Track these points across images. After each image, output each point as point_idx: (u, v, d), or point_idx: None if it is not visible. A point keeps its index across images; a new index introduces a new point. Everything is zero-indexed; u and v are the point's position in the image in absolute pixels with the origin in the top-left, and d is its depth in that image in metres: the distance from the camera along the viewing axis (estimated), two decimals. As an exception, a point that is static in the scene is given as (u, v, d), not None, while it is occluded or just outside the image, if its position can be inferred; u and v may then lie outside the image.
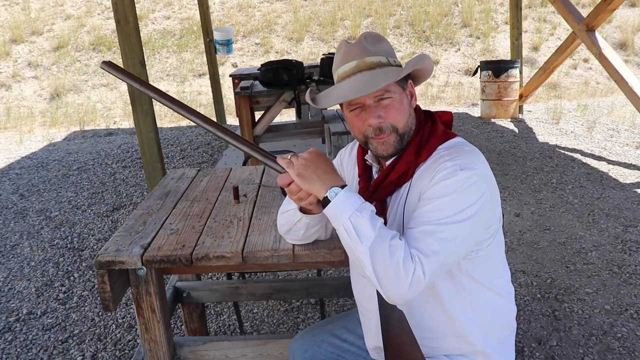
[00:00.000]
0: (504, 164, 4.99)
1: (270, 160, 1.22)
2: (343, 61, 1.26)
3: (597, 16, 5.45)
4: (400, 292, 1.09)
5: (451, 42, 10.30)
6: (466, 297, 1.26)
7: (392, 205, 1.30)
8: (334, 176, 1.19)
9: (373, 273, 1.10)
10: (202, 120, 1.22)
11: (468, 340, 1.28)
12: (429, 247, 1.11)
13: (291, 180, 1.19)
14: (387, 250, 1.09)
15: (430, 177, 1.20)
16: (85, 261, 3.49)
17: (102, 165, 5.69)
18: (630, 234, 3.44)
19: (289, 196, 1.24)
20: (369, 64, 1.23)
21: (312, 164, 1.18)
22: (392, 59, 1.26)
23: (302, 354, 1.52)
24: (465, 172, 1.16)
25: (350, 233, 1.12)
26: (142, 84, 1.24)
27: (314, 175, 1.17)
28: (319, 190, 1.17)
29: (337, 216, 1.15)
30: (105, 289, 1.47)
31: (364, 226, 1.11)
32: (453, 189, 1.15)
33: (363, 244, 1.10)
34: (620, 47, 9.97)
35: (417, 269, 1.09)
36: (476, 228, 1.17)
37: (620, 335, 2.45)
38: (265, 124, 4.97)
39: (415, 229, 1.15)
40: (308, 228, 1.39)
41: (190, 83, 9.62)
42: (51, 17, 10.89)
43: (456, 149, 1.24)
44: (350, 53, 1.25)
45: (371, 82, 1.20)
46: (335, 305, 2.84)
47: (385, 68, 1.23)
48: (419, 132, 1.28)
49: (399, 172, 1.26)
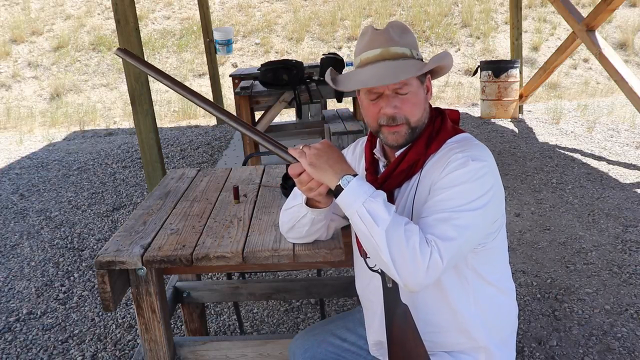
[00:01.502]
0: (504, 164, 4.99)
1: (281, 151, 1.23)
2: (368, 47, 1.26)
3: (597, 16, 5.44)
4: (417, 277, 1.09)
5: (451, 42, 10.30)
6: (470, 291, 1.27)
7: (400, 197, 1.30)
8: (346, 165, 1.20)
9: (389, 258, 1.10)
10: (216, 109, 1.24)
11: (471, 335, 1.29)
12: (445, 232, 1.12)
13: (302, 170, 1.20)
14: (402, 235, 1.10)
15: (441, 168, 1.21)
16: (85, 261, 3.49)
17: (102, 165, 5.69)
18: (630, 234, 3.44)
19: (298, 187, 1.24)
20: (393, 54, 1.24)
21: (324, 153, 1.19)
22: (415, 51, 1.27)
23: (302, 354, 1.52)
24: (477, 163, 1.18)
25: (365, 218, 1.12)
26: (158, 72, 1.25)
27: (326, 164, 1.18)
28: (331, 179, 1.17)
29: (350, 204, 1.15)
30: (105, 289, 1.47)
31: (378, 210, 1.12)
32: (466, 179, 1.16)
33: (379, 227, 1.10)
34: (620, 47, 9.96)
35: (433, 252, 1.10)
36: (487, 218, 1.19)
37: (620, 335, 2.45)
38: (265, 124, 4.97)
39: (430, 217, 1.16)
40: (313, 224, 1.39)
41: (190, 83, 9.62)
42: (51, 17, 10.89)
43: (466, 142, 1.27)
44: (376, 40, 1.25)
45: (393, 73, 1.21)
46: (335, 305, 2.84)
47: (409, 60, 1.24)
48: (430, 125, 1.30)
49: (409, 162, 1.27)
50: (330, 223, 1.44)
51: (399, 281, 1.12)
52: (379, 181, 1.31)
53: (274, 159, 4.61)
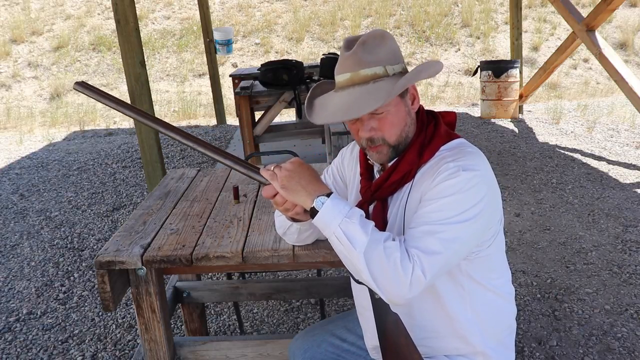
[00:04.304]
0: (504, 164, 4.99)
1: (253, 173, 1.20)
2: (338, 70, 1.25)
3: (597, 16, 5.44)
4: (400, 293, 1.09)
5: (451, 42, 10.30)
6: (466, 297, 1.26)
7: (393, 205, 1.29)
8: (319, 185, 1.17)
9: (370, 277, 1.09)
10: (182, 136, 1.19)
11: (468, 341, 1.28)
12: (430, 246, 1.10)
13: (276, 192, 1.17)
14: (382, 253, 1.08)
15: (432, 178, 1.19)
16: (85, 261, 3.49)
17: (102, 165, 5.69)
18: (630, 234, 3.44)
19: (276, 207, 1.22)
20: (362, 77, 1.20)
21: (295, 174, 1.16)
22: (390, 66, 1.21)
23: (302, 354, 1.52)
24: (468, 174, 1.15)
25: (342, 240, 1.11)
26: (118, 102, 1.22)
27: (298, 186, 1.15)
28: (305, 200, 1.15)
29: (326, 225, 1.13)
30: (105, 289, 1.47)
31: (355, 231, 1.10)
32: (455, 190, 1.14)
33: (357, 250, 1.09)
34: (620, 47, 9.97)
35: (416, 268, 1.08)
36: (477, 229, 1.17)
37: (620, 335, 2.45)
38: (265, 124, 4.98)
39: (417, 229, 1.14)
40: (300, 233, 1.40)
41: (190, 83, 9.62)
42: (51, 17, 10.90)
43: (459, 150, 1.24)
44: (344, 63, 1.23)
45: (357, 105, 1.18)
46: (335, 305, 2.84)
47: (379, 82, 1.20)
48: (422, 133, 1.27)
49: (401, 172, 1.25)
50: None
51: (383, 297, 1.11)
52: (372, 189, 1.30)
53: (274, 159, 4.61)
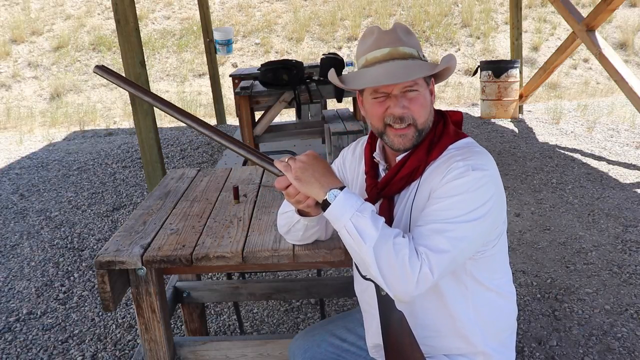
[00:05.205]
0: (504, 164, 4.99)
1: (267, 164, 1.21)
2: (375, 46, 1.25)
3: (597, 16, 5.44)
4: (407, 289, 1.09)
5: (451, 42, 10.30)
6: (468, 297, 1.26)
7: (399, 202, 1.29)
8: (332, 178, 1.18)
9: (378, 272, 1.10)
10: (199, 124, 1.21)
11: (469, 340, 1.29)
12: (438, 245, 1.11)
13: (289, 184, 1.18)
14: (391, 249, 1.09)
15: (441, 176, 1.19)
16: (85, 261, 3.49)
17: (102, 165, 5.69)
18: (630, 234, 3.44)
19: (287, 199, 1.23)
20: (402, 53, 1.23)
21: (309, 166, 1.17)
22: (421, 53, 1.27)
23: (302, 354, 1.52)
24: (477, 173, 1.16)
25: (353, 234, 1.12)
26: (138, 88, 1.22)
27: (312, 178, 1.16)
28: (318, 193, 1.16)
29: (337, 218, 1.14)
30: (105, 289, 1.47)
31: (366, 226, 1.11)
32: (464, 189, 1.15)
33: (366, 244, 1.10)
34: (620, 47, 9.96)
35: (423, 266, 1.09)
36: (485, 229, 1.17)
37: (620, 335, 2.45)
38: (265, 124, 4.97)
39: (425, 227, 1.15)
40: (306, 229, 1.39)
41: (190, 83, 9.62)
42: (51, 17, 10.89)
43: (467, 149, 1.24)
44: (383, 40, 1.24)
45: (405, 72, 1.20)
46: (335, 305, 2.83)
47: (417, 61, 1.24)
48: (432, 130, 1.28)
49: (409, 168, 1.26)
50: (328, 224, 1.44)
51: (389, 293, 1.12)
52: (379, 186, 1.30)
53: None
